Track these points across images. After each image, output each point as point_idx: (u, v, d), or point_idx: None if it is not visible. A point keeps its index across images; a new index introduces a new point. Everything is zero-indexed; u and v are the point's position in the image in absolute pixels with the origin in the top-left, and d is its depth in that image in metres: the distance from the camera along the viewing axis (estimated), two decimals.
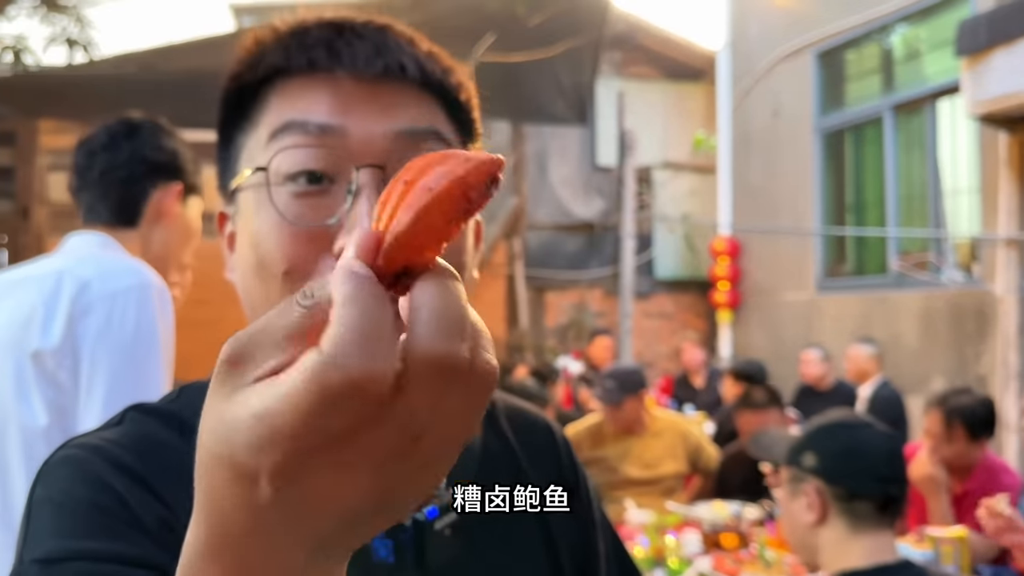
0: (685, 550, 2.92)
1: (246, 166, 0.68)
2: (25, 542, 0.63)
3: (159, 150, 1.64)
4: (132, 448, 0.67)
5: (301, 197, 0.64)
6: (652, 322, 9.23)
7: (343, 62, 0.65)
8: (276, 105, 0.67)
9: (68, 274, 1.43)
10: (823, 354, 5.65)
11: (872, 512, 1.61)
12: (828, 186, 7.36)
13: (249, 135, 0.69)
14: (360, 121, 0.65)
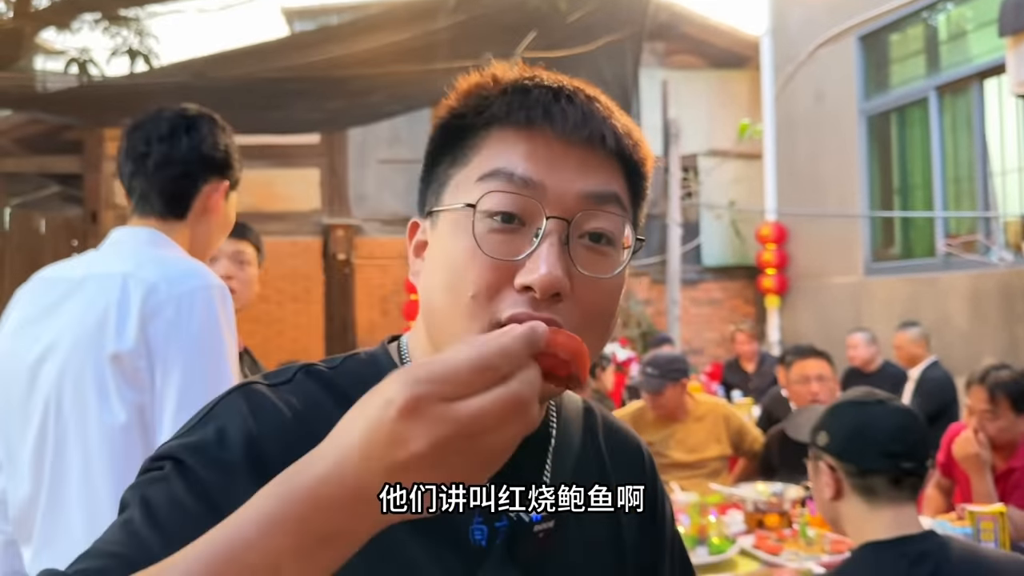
0: (728, 529, 3.02)
1: (452, 195, 0.78)
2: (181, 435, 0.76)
3: (215, 147, 1.68)
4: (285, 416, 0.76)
5: (496, 233, 0.74)
6: (700, 309, 9.26)
7: (555, 125, 0.75)
8: (490, 150, 0.76)
9: (133, 278, 1.48)
10: (870, 337, 5.67)
11: (886, 486, 1.69)
12: (874, 169, 7.33)
13: (458, 168, 0.78)
14: (558, 178, 0.74)
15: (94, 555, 0.68)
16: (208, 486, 0.70)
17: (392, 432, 0.53)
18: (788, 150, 8.13)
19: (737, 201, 9.03)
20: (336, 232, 8.38)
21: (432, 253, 0.79)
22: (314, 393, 0.79)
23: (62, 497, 1.49)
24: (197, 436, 0.74)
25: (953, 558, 1.65)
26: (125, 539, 0.68)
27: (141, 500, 0.70)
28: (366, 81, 5.67)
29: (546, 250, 0.72)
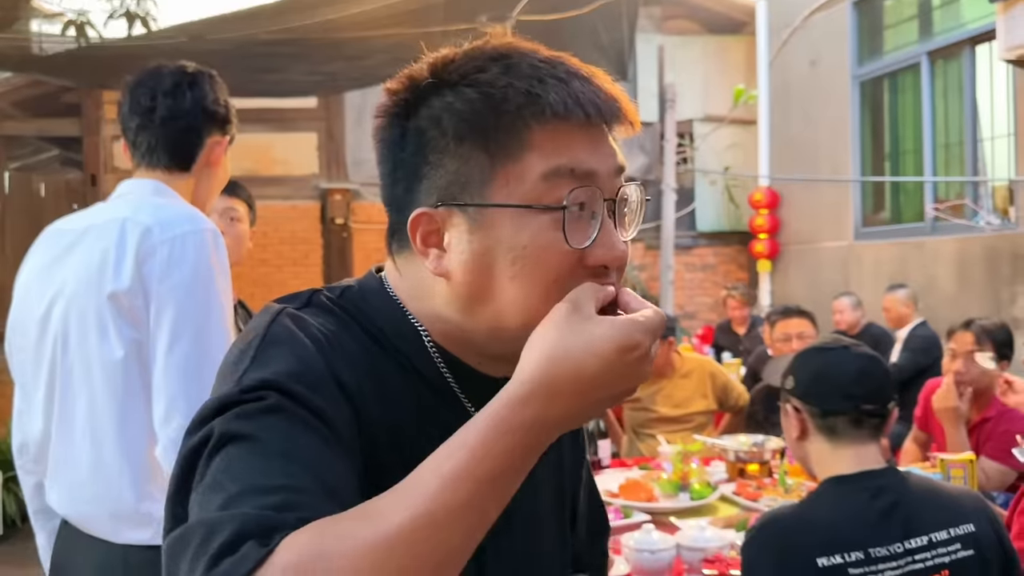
0: (710, 478, 3.15)
1: (504, 191, 0.78)
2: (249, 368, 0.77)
3: (216, 103, 1.76)
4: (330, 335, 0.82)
5: (573, 223, 0.78)
6: (694, 274, 9.36)
7: (605, 117, 0.80)
8: (549, 145, 0.78)
9: (130, 222, 1.56)
10: (855, 301, 5.78)
11: (847, 426, 1.78)
12: (866, 135, 7.40)
13: (503, 162, 0.78)
14: (604, 163, 0.80)
15: (262, 491, 0.66)
16: (318, 408, 0.74)
17: (628, 370, 0.72)
18: (782, 116, 8.18)
19: (732, 167, 9.09)
20: (334, 196, 8.44)
21: (486, 244, 0.80)
22: (337, 318, 0.85)
23: (70, 429, 1.60)
24: (281, 363, 0.76)
25: (912, 490, 1.76)
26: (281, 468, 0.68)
27: (264, 430, 0.70)
28: (362, 44, 5.71)
29: (610, 229, 0.80)
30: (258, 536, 0.61)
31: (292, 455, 0.69)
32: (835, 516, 1.71)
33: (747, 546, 1.76)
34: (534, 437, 0.68)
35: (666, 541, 2.36)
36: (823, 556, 1.66)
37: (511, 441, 0.67)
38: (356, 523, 0.62)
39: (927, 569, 1.69)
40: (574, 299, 0.73)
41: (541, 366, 0.69)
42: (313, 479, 0.68)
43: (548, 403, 0.68)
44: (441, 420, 0.81)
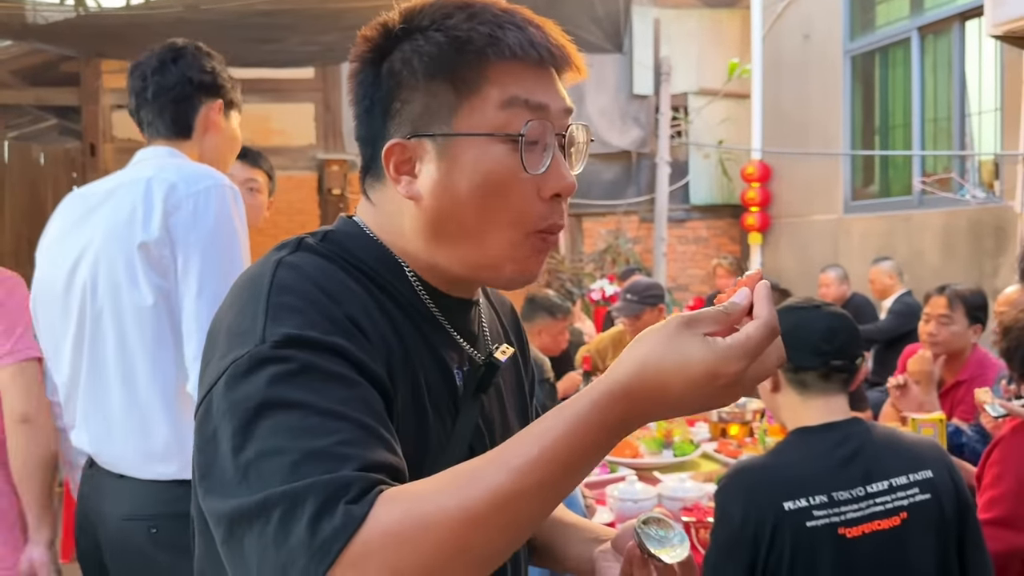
0: (693, 436, 3.28)
1: (468, 120, 0.87)
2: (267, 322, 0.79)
3: (202, 71, 1.86)
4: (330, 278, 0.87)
5: (530, 154, 0.87)
6: (687, 247, 9.47)
7: (556, 61, 0.90)
8: (502, 79, 0.87)
9: (156, 179, 1.68)
10: (841, 274, 5.91)
11: (817, 380, 1.88)
12: (856, 109, 7.48)
13: (466, 96, 0.87)
14: (554, 101, 0.90)
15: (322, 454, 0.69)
16: (343, 350, 0.78)
17: (715, 395, 0.73)
18: (775, 90, 8.25)
19: (725, 140, 9.17)
20: (331, 167, 8.51)
21: (451, 172, 0.87)
22: (321, 261, 0.89)
23: (102, 372, 1.71)
24: (298, 314, 0.79)
25: (874, 438, 1.87)
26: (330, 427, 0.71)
27: (304, 393, 0.73)
28: (359, 14, 5.75)
29: (561, 161, 0.90)
30: (347, 497, 0.65)
31: (335, 412, 0.72)
32: (801, 463, 1.82)
33: (719, 492, 1.88)
34: (614, 435, 0.74)
35: (648, 491, 2.49)
36: (789, 500, 1.77)
37: (594, 437, 0.72)
38: (449, 491, 0.67)
39: (887, 511, 1.80)
40: (694, 315, 0.74)
41: (635, 372, 0.72)
42: (358, 429, 0.72)
43: (631, 407, 0.73)
44: (430, 345, 0.92)
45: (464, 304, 0.99)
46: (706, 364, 0.72)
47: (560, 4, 6.11)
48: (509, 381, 1.09)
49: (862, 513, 1.78)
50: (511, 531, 0.69)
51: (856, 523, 1.78)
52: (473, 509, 0.66)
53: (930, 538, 1.81)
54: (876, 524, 1.79)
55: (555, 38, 0.90)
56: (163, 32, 6.12)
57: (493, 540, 0.68)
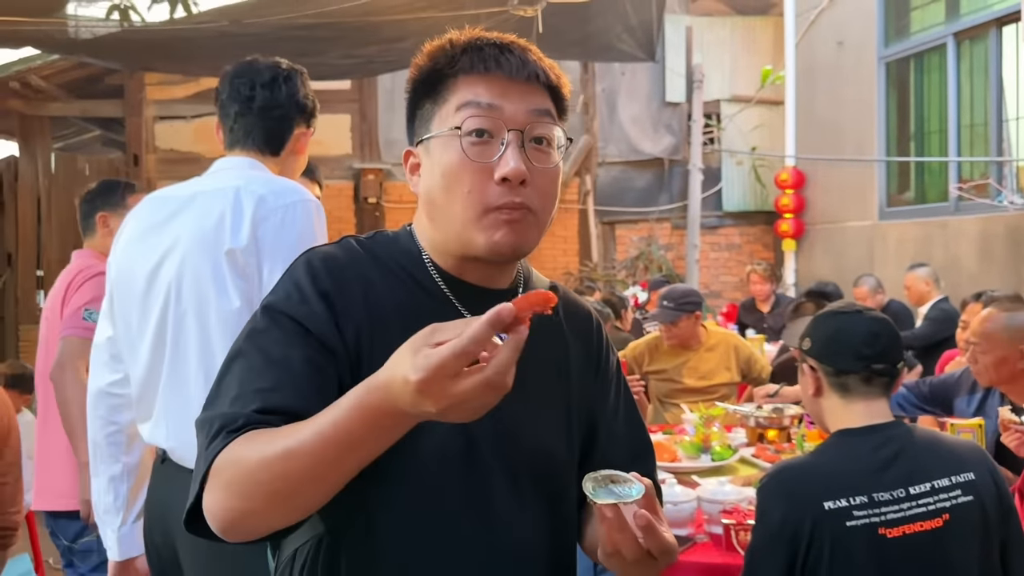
0: (731, 442, 3.30)
1: (439, 124, 1.10)
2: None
3: (305, 96, 1.99)
4: (337, 264, 1.12)
5: (475, 145, 1.06)
6: (720, 253, 9.46)
7: (504, 69, 1.08)
8: (461, 89, 1.08)
9: (245, 190, 1.77)
10: (875, 284, 5.89)
11: (859, 384, 1.90)
12: (891, 115, 7.46)
13: (439, 105, 1.10)
14: (511, 103, 1.08)
15: (249, 396, 1.00)
16: (299, 318, 1.05)
17: (413, 398, 0.82)
18: (809, 96, 8.24)
19: (758, 147, 9.16)
20: (367, 176, 8.63)
21: (429, 167, 1.11)
22: (355, 250, 1.14)
23: (183, 370, 1.77)
24: (282, 291, 1.10)
25: (915, 440, 1.89)
26: (263, 376, 1.01)
27: (256, 347, 1.05)
28: (397, 27, 5.84)
29: (512, 151, 1.05)
30: (232, 427, 0.95)
31: (272, 363, 1.01)
32: (841, 464, 1.85)
33: (760, 491, 1.91)
34: (374, 420, 0.86)
35: (687, 494, 2.52)
36: (829, 500, 1.79)
37: (355, 416, 0.86)
38: (262, 441, 0.92)
39: (929, 513, 1.81)
40: (436, 327, 0.84)
41: (384, 371, 0.86)
42: (285, 380, 0.99)
43: (380, 401, 0.85)
44: (431, 320, 0.99)
45: (482, 292, 1.14)
46: (404, 370, 0.82)
47: (594, 16, 6.16)
48: (551, 369, 1.20)
49: (903, 514, 1.80)
50: (292, 477, 0.89)
51: (897, 524, 1.79)
52: (265, 459, 0.90)
53: (972, 540, 1.82)
54: (918, 525, 1.80)
55: (520, 57, 1.10)
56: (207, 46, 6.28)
57: (278, 481, 0.89)
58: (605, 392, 1.28)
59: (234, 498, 0.92)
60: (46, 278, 8.09)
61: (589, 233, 9.25)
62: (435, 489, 1.07)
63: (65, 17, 5.93)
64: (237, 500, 0.92)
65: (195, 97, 8.21)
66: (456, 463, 1.08)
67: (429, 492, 1.07)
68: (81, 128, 9.59)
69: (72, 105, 8.39)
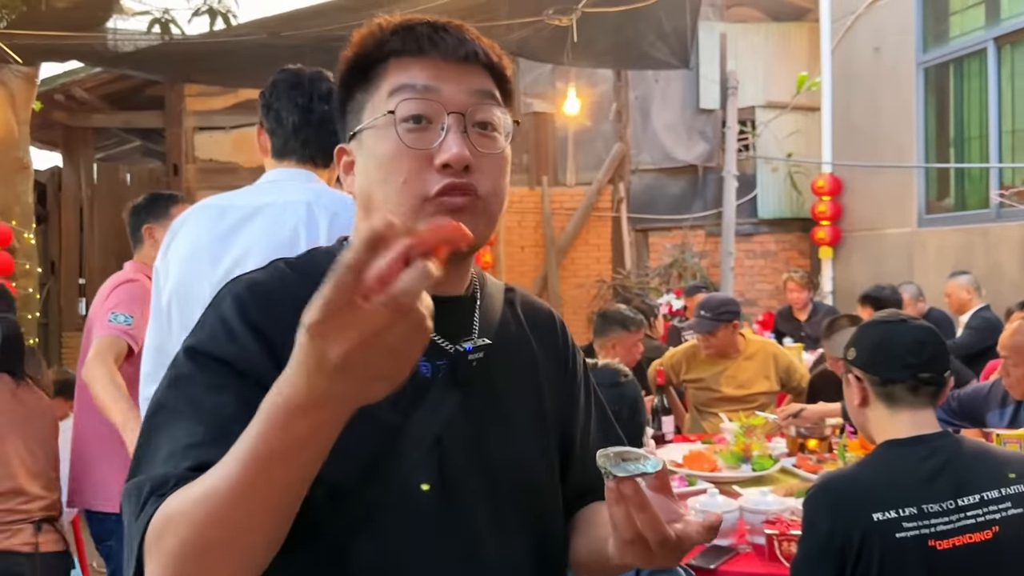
0: (772, 451, 3.28)
1: (371, 114, 0.99)
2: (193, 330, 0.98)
3: None
4: (266, 290, 0.99)
5: (412, 132, 0.96)
6: (755, 261, 9.40)
7: (439, 49, 0.98)
8: (393, 74, 0.98)
9: (317, 205, 1.77)
10: (916, 292, 5.81)
11: (905, 393, 1.89)
12: (930, 121, 7.37)
13: (371, 94, 0.99)
14: (449, 84, 0.97)
15: (180, 453, 0.85)
16: (228, 358, 0.91)
17: (312, 352, 0.67)
18: (845, 102, 8.18)
19: (794, 153, 9.09)
20: None
21: (364, 162, 1.00)
22: (284, 273, 1.02)
23: None
24: (206, 329, 0.96)
25: (964, 451, 1.87)
26: (193, 430, 0.87)
27: (183, 396, 0.90)
28: None
29: (452, 136, 0.95)
30: (162, 491, 0.82)
31: (204, 413, 0.87)
32: (890, 475, 1.83)
33: (806, 503, 1.89)
34: (286, 419, 0.71)
35: (729, 504, 2.52)
36: (878, 511, 1.78)
37: (268, 425, 0.72)
38: (186, 491, 0.79)
39: (978, 525, 1.79)
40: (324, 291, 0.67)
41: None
42: (220, 430, 0.84)
43: (286, 387, 0.71)
44: None
45: (434, 300, 0.98)
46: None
47: (627, 24, 6.16)
48: (520, 379, 1.10)
49: (953, 526, 1.78)
50: (224, 521, 0.76)
51: (947, 536, 1.78)
52: (192, 510, 0.77)
53: (1023, 552, 1.81)
54: (967, 537, 1.78)
55: (456, 36, 0.99)
56: (246, 58, 6.36)
57: (210, 528, 0.76)
58: (575, 396, 1.20)
59: (176, 563, 0.78)
60: (88, 286, 8.24)
61: (622, 241, 9.23)
62: (410, 532, 0.95)
63: (107, 31, 6.04)
64: (179, 564, 0.78)
65: (233, 108, 8.33)
66: (431, 501, 0.96)
67: (403, 536, 0.94)
68: (122, 139, 9.77)
69: (114, 116, 8.55)
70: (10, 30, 5.41)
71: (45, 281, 7.92)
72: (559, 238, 9.22)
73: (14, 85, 6.41)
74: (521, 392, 1.09)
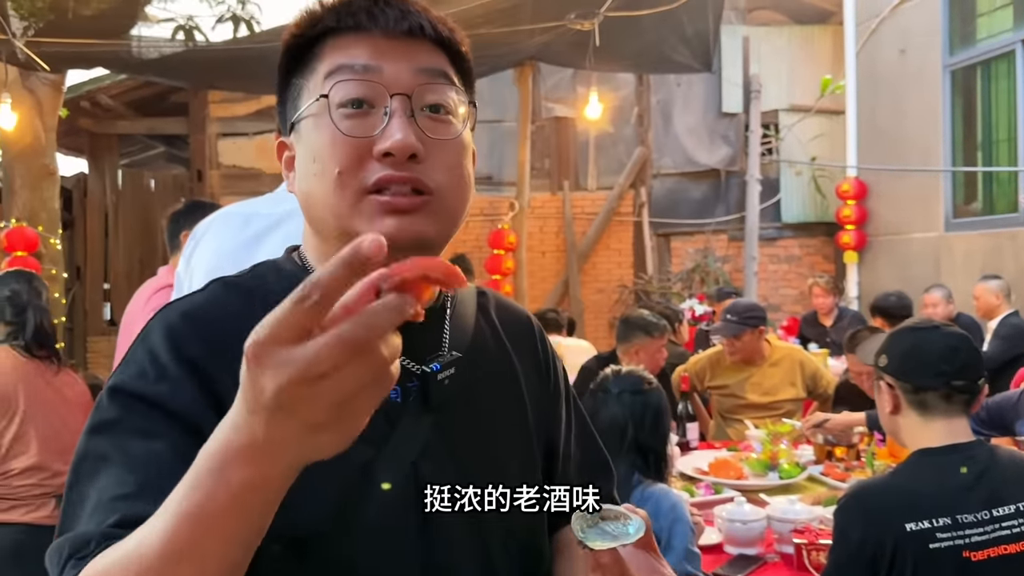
0: (799, 459, 3.24)
1: (307, 100, 0.88)
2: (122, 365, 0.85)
3: None
4: (203, 316, 0.87)
5: (351, 117, 0.85)
6: (778, 266, 9.33)
7: (379, 23, 0.87)
8: (329, 54, 0.87)
9: None
10: (947, 294, 5.73)
11: (938, 401, 1.86)
12: (957, 124, 7.29)
13: (307, 78, 0.89)
14: (392, 63, 0.86)
15: (105, 507, 0.73)
16: (158, 399, 0.79)
17: (249, 381, 0.55)
18: (870, 105, 8.10)
19: (818, 157, 9.03)
20: None
21: (301, 154, 0.89)
22: (224, 295, 0.90)
23: None
24: (134, 366, 0.83)
25: (999, 461, 1.84)
26: (121, 480, 0.75)
27: (110, 443, 0.78)
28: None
29: (396, 120, 0.84)
30: (84, 553, 0.69)
31: (132, 461, 0.75)
32: (924, 484, 1.81)
33: (838, 512, 1.87)
34: (219, 472, 0.59)
35: (757, 513, 2.49)
36: (911, 521, 1.76)
37: (201, 480, 0.61)
38: (108, 555, 0.66)
39: (1014, 536, 1.77)
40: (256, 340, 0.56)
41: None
42: (150, 481, 0.72)
43: (223, 432, 0.60)
44: None
45: None
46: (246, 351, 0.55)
47: (650, 28, 6.13)
48: (500, 394, 1.00)
49: (988, 537, 1.76)
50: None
51: (981, 547, 1.75)
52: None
53: None
54: (1002, 548, 1.76)
55: (401, 10, 0.88)
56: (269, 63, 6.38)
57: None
58: (557, 409, 1.09)
59: None
60: (113, 291, 8.32)
61: (644, 245, 9.19)
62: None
63: (132, 38, 6.10)
64: None
65: (256, 115, 8.39)
66: (412, 542, 0.85)
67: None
68: (147, 145, 9.86)
69: (138, 123, 8.63)
70: (37, 38, 5.47)
71: (71, 286, 7.99)
72: (580, 243, 9.19)
73: (41, 92, 6.48)
74: (502, 410, 0.99)
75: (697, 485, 2.96)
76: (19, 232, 6.21)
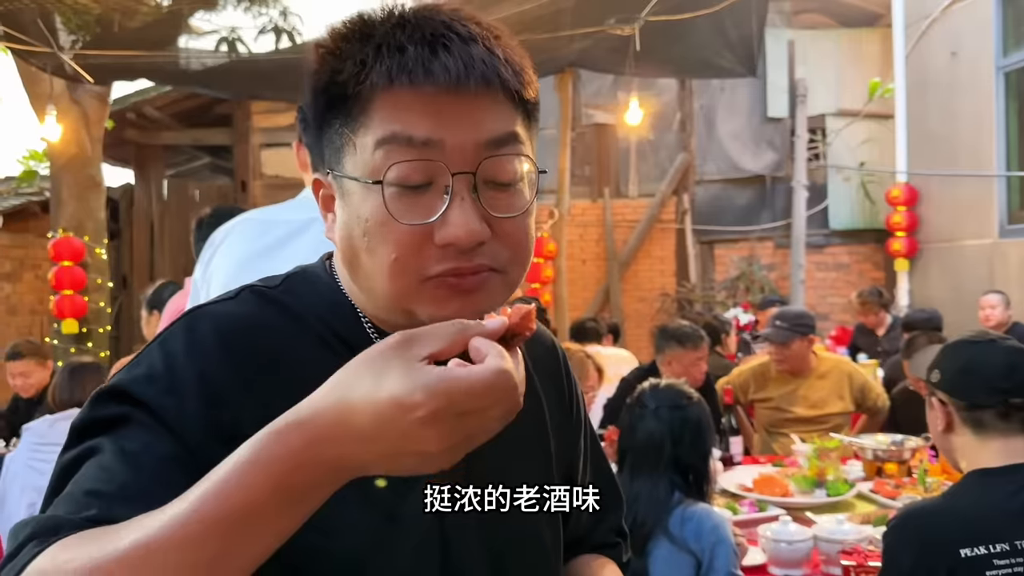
0: (847, 475, 3.13)
1: (352, 160, 0.77)
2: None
3: None
4: (234, 329, 0.82)
5: (406, 198, 0.74)
6: (826, 273, 9.14)
7: (439, 80, 0.73)
8: (382, 111, 0.74)
9: None
10: (1004, 299, 5.55)
11: (995, 420, 1.77)
12: (1011, 128, 7.06)
13: (354, 130, 0.77)
14: (454, 134, 0.74)
15: (72, 500, 0.70)
16: (161, 412, 0.75)
17: (409, 432, 0.60)
18: (920, 109, 7.90)
19: (867, 162, 8.83)
20: None
21: (348, 214, 0.79)
22: (261, 308, 0.84)
23: None
24: (143, 367, 0.78)
25: None
26: (101, 476, 0.72)
27: (109, 442, 0.74)
28: None
29: (459, 206, 0.74)
30: (41, 537, 0.65)
31: (114, 466, 0.71)
32: (980, 508, 1.72)
33: (889, 534, 1.78)
34: (284, 476, 0.60)
35: (803, 532, 2.39)
36: (967, 547, 1.66)
37: (251, 478, 0.60)
38: (95, 541, 0.63)
39: None
40: (416, 332, 0.64)
41: (320, 396, 0.63)
42: (126, 484, 0.70)
43: (307, 440, 0.61)
44: None
45: None
46: (396, 389, 0.60)
47: (692, 33, 6.05)
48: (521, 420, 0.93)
49: None
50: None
51: None
52: (103, 566, 0.60)
53: None
54: None
55: (467, 55, 0.75)
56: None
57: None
58: (577, 439, 1.05)
59: None
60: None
61: (687, 253, 9.08)
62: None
63: (177, 50, 6.19)
64: None
65: None
66: (430, 570, 0.84)
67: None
68: (192, 156, 10.00)
69: (183, 134, 8.77)
70: (84, 51, 5.57)
71: (117, 295, 8.12)
72: (621, 251, 9.11)
73: (87, 104, 6.60)
74: (523, 436, 0.92)
75: (740, 502, 2.87)
76: (66, 242, 6.32)
